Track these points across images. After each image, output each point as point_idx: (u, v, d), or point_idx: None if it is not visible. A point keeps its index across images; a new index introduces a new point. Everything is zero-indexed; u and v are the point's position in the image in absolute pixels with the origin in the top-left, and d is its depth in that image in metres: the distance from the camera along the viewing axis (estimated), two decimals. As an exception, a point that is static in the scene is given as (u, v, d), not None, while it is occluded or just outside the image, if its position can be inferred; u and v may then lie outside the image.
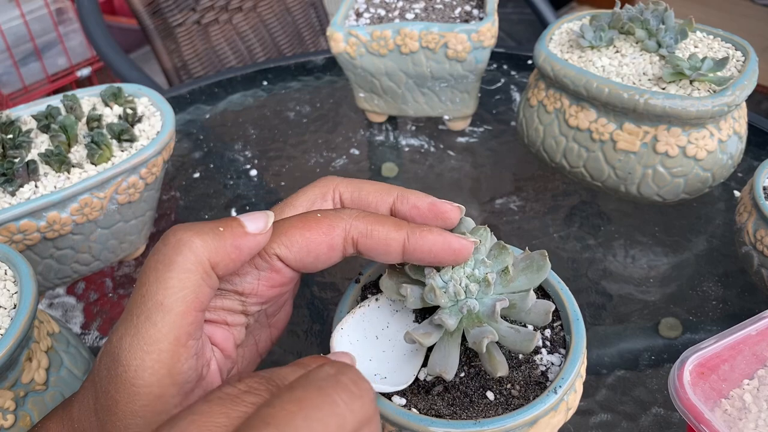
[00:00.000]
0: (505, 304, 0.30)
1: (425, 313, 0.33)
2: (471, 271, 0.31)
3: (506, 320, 0.32)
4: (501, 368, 0.30)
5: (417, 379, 0.31)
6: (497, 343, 0.30)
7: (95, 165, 0.48)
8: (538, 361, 0.32)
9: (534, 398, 0.30)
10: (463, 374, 0.31)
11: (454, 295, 0.30)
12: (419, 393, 0.31)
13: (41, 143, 0.50)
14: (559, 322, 0.34)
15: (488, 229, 0.33)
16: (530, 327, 0.33)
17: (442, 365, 0.30)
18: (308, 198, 0.34)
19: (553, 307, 0.31)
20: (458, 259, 0.31)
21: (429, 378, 0.31)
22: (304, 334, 0.50)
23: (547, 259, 0.32)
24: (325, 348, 0.38)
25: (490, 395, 0.30)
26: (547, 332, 0.33)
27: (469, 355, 0.32)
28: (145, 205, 0.52)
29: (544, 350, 0.32)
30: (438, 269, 0.31)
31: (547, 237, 0.57)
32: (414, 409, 0.30)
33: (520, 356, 0.32)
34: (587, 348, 0.33)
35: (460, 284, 0.30)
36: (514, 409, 0.30)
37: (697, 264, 0.54)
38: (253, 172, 0.67)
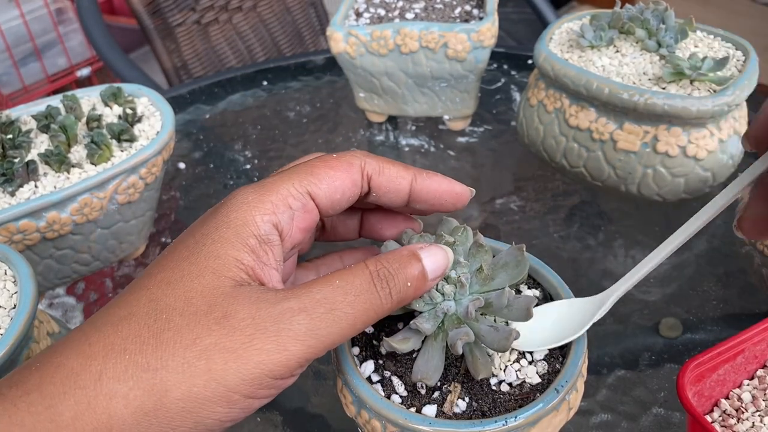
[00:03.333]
0: (479, 304, 0.30)
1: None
2: (448, 272, 0.31)
3: (490, 319, 0.32)
4: (483, 370, 0.30)
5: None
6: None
7: (95, 165, 0.48)
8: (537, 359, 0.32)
9: (533, 398, 0.30)
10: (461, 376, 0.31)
11: (430, 299, 0.30)
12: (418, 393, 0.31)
13: (41, 143, 0.50)
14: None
15: (468, 229, 0.33)
16: (514, 324, 0.33)
17: (424, 371, 0.30)
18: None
19: (534, 302, 0.31)
20: (458, 204, 0.33)
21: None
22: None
23: (525, 253, 0.32)
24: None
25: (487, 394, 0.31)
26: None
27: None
28: (145, 205, 0.52)
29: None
30: None
31: (547, 237, 0.57)
32: (413, 409, 0.30)
33: (527, 354, 0.32)
34: (588, 348, 0.33)
35: (435, 287, 0.30)
36: (514, 409, 0.30)
37: (697, 264, 0.54)
38: (253, 173, 0.67)
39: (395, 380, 0.31)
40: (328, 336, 0.26)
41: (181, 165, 0.68)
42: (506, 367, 0.32)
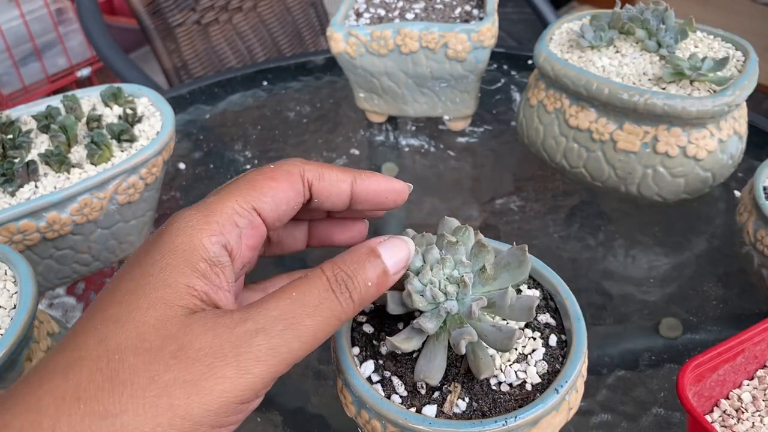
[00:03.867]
0: (482, 303, 0.30)
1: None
2: (450, 272, 0.31)
3: (491, 318, 0.32)
4: (486, 370, 0.30)
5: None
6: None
7: (95, 165, 0.48)
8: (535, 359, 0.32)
9: (534, 398, 0.30)
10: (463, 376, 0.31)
11: (432, 298, 0.30)
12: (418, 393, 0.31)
13: (41, 143, 0.50)
14: (559, 321, 0.34)
15: (470, 229, 0.32)
16: (515, 324, 0.33)
17: (426, 371, 0.30)
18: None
19: (536, 302, 0.31)
20: (398, 201, 0.33)
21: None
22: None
23: (527, 254, 0.32)
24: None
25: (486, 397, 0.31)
26: (548, 331, 0.33)
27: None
28: (145, 205, 0.52)
29: (542, 349, 0.32)
30: (417, 273, 0.31)
31: (547, 237, 0.57)
32: (413, 409, 0.30)
33: (527, 355, 0.32)
34: (588, 348, 0.32)
35: (438, 287, 0.30)
36: (514, 409, 0.30)
37: (697, 264, 0.54)
38: (253, 172, 0.67)
39: (395, 380, 0.31)
40: (290, 353, 0.25)
41: (182, 165, 0.68)
42: (506, 367, 0.32)
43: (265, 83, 0.80)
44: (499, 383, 0.31)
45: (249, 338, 0.25)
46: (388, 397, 0.31)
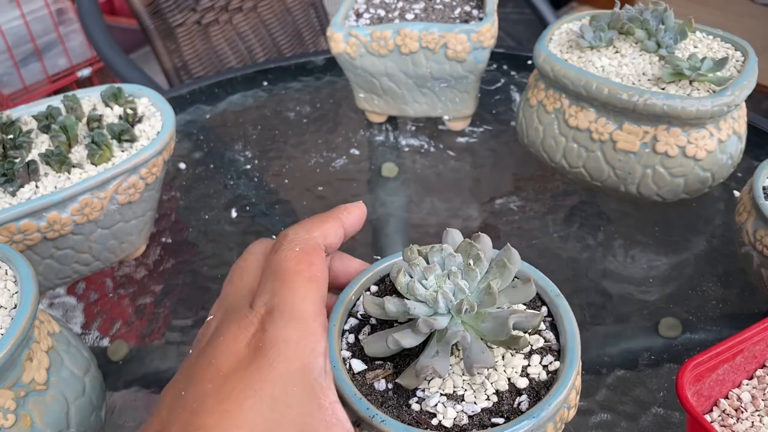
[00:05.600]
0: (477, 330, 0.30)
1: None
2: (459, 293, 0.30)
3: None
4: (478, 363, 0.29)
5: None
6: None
7: (95, 165, 0.48)
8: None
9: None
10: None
11: (445, 308, 0.30)
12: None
13: (42, 143, 0.50)
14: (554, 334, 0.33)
15: (481, 250, 0.32)
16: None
17: (439, 366, 0.30)
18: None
19: (541, 318, 0.30)
20: (357, 223, 0.35)
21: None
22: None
23: (533, 287, 0.32)
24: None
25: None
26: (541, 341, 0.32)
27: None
28: (146, 205, 0.52)
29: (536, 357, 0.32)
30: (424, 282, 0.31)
31: (547, 237, 0.57)
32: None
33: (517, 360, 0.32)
34: (587, 348, 0.32)
35: (437, 298, 0.30)
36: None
37: (696, 264, 0.54)
38: (253, 173, 0.67)
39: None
40: None
41: (182, 165, 0.68)
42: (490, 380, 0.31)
43: (265, 83, 0.80)
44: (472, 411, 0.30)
45: None
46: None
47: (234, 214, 0.62)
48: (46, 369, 0.37)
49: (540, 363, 0.31)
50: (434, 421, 0.29)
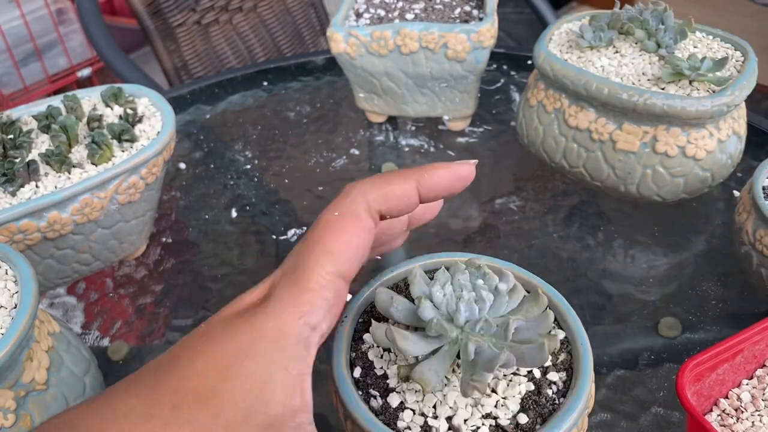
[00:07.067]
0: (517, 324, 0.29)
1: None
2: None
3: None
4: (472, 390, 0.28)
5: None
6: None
7: (96, 165, 0.48)
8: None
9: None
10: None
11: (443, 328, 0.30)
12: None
13: (42, 143, 0.50)
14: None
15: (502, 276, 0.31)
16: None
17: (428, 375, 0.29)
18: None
19: (558, 346, 0.30)
20: (467, 183, 0.32)
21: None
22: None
23: (546, 349, 0.29)
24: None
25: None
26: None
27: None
28: (146, 205, 0.52)
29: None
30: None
31: (547, 237, 0.57)
32: None
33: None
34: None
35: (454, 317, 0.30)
36: None
37: (696, 264, 0.54)
38: (254, 173, 0.67)
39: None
40: None
41: (182, 165, 0.68)
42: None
43: (265, 83, 0.80)
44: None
45: None
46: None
47: (234, 214, 0.62)
48: (46, 369, 0.37)
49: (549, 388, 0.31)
50: None
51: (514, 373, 0.31)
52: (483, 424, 0.29)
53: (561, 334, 0.32)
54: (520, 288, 0.31)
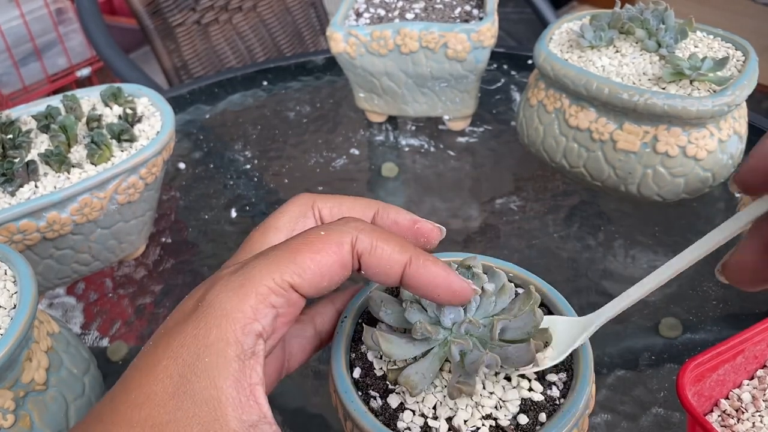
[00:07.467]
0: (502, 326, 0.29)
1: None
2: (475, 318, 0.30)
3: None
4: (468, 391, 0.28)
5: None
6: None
7: (95, 165, 0.48)
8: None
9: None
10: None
11: (431, 329, 0.30)
12: None
13: (41, 143, 0.50)
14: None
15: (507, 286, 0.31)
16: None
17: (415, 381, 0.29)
18: (290, 218, 0.32)
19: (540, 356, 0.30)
20: (454, 301, 0.29)
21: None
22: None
23: (533, 349, 0.29)
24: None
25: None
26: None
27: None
28: (145, 205, 0.52)
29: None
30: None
31: (547, 237, 0.57)
32: None
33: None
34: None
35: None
36: None
37: (696, 264, 0.54)
38: (253, 172, 0.67)
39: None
40: None
41: (181, 165, 0.68)
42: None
43: (265, 83, 0.80)
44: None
45: None
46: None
47: (234, 214, 0.62)
48: (46, 369, 0.37)
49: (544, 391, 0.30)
50: None
51: (520, 375, 0.31)
52: (483, 425, 0.29)
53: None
54: (510, 287, 0.31)
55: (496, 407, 0.29)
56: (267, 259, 0.27)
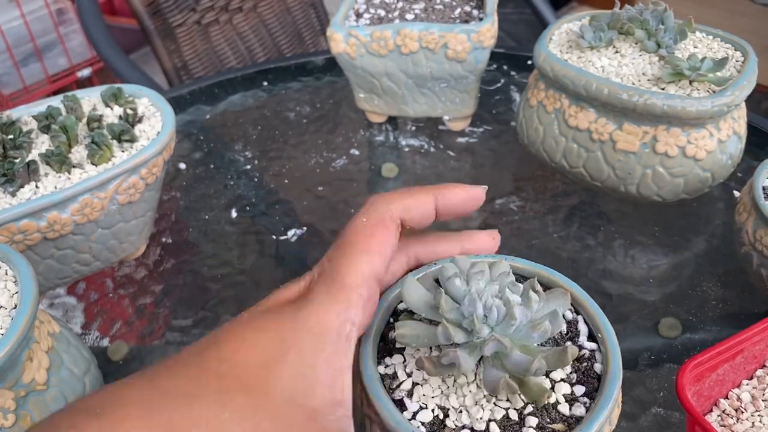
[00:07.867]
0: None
1: None
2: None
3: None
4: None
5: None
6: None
7: (96, 165, 0.48)
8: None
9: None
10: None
11: (469, 328, 0.30)
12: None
13: (42, 144, 0.50)
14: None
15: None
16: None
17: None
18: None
19: (574, 356, 0.30)
20: (477, 206, 0.36)
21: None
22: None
23: (569, 355, 0.30)
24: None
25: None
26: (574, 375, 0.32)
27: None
28: (146, 205, 0.52)
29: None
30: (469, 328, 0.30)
31: (547, 237, 0.57)
32: None
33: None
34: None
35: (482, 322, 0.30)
36: None
37: (696, 264, 0.54)
38: (254, 173, 0.67)
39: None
40: None
41: (182, 165, 0.68)
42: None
43: (265, 83, 0.80)
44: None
45: None
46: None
47: (234, 214, 0.62)
48: (46, 369, 0.37)
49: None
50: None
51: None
52: (501, 420, 0.29)
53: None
54: (542, 293, 0.32)
55: (515, 404, 0.30)
56: (345, 256, 0.31)
